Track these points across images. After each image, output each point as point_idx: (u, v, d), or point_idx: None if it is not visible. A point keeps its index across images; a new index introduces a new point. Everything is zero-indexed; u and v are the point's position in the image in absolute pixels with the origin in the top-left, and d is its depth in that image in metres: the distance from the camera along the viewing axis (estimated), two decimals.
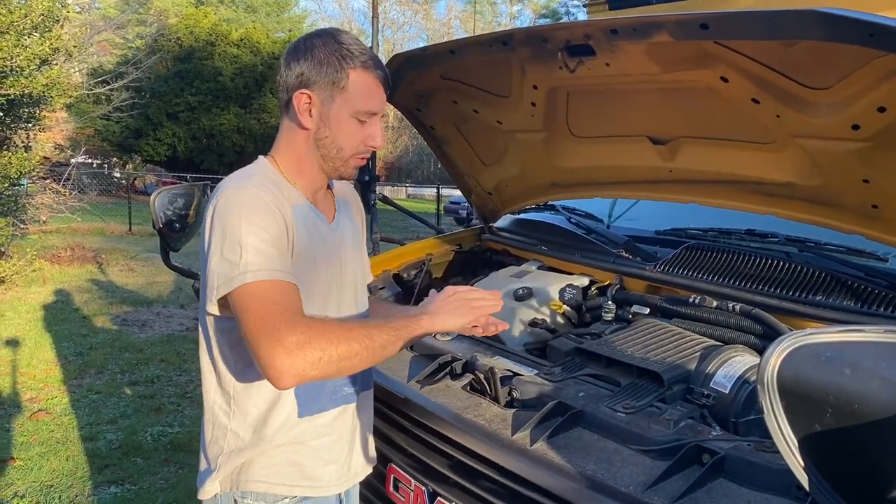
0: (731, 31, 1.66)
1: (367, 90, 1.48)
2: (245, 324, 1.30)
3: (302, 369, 1.26)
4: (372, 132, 1.52)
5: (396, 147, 44.00)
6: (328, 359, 1.28)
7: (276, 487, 1.52)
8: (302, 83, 1.47)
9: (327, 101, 1.47)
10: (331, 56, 1.45)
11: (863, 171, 1.83)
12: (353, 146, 1.51)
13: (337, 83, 1.46)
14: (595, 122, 2.37)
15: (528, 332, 2.25)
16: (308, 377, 1.29)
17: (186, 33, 25.66)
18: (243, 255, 1.33)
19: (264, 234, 1.36)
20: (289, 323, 1.28)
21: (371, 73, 1.48)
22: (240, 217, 1.36)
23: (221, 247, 1.35)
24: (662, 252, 2.41)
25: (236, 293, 1.32)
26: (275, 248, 1.36)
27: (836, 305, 1.89)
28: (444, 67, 2.38)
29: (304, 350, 1.26)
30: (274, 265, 1.34)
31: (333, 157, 1.52)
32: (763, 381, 0.84)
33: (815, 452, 0.81)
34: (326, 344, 1.28)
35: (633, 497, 1.37)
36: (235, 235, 1.34)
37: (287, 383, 1.28)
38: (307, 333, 1.28)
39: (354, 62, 1.46)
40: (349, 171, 1.55)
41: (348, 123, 1.49)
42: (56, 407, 4.83)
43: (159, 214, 2.19)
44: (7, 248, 8.90)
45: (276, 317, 1.28)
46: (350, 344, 1.31)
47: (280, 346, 1.25)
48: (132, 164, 29.77)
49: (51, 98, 8.41)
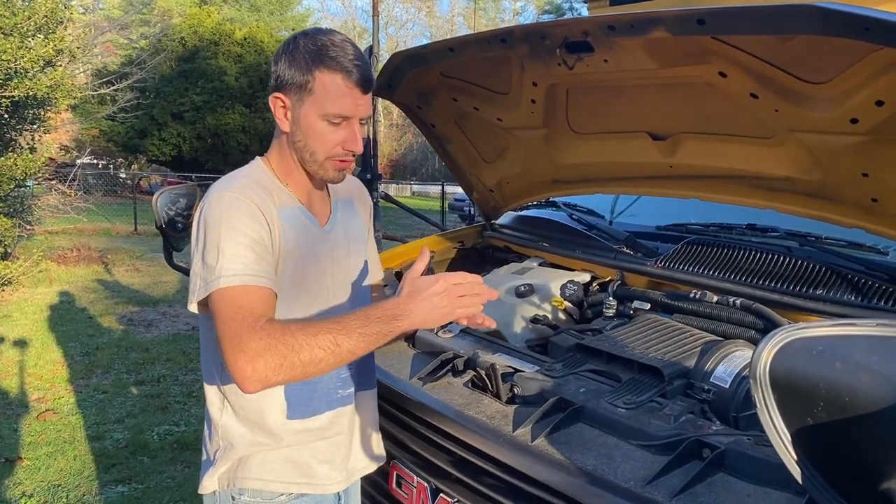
0: (728, 26, 1.66)
1: (336, 92, 1.42)
2: (216, 328, 1.31)
3: (264, 375, 1.23)
4: (347, 136, 1.46)
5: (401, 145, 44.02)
6: (290, 365, 1.24)
7: (272, 485, 1.52)
8: (276, 86, 1.46)
9: (297, 104, 1.44)
10: (301, 57, 1.42)
11: (862, 164, 1.83)
12: (326, 150, 1.46)
13: (304, 85, 1.42)
14: (595, 118, 2.37)
15: (530, 329, 2.26)
16: (272, 382, 1.25)
17: (190, 33, 25.70)
18: (220, 259, 1.33)
19: (242, 238, 1.35)
20: (251, 328, 1.26)
21: (340, 74, 1.42)
22: (220, 221, 1.36)
23: (203, 250, 1.37)
24: (663, 248, 2.41)
25: (211, 297, 1.33)
26: (252, 251, 1.36)
27: (836, 300, 1.89)
28: (444, 65, 2.39)
29: (264, 357, 1.22)
30: (248, 270, 1.33)
31: (308, 161, 1.48)
32: (755, 375, 0.84)
33: (808, 446, 0.82)
34: (287, 351, 1.24)
35: (633, 492, 1.37)
36: (214, 240, 1.35)
37: (250, 388, 1.24)
38: (268, 339, 1.24)
39: (322, 63, 1.41)
40: (329, 173, 1.50)
41: (319, 126, 1.44)
42: (63, 407, 4.87)
43: (161, 214, 2.21)
44: (14, 250, 8.96)
45: (239, 322, 1.27)
46: (313, 351, 1.25)
47: (241, 352, 1.23)
48: (137, 164, 29.85)
49: (55, 99, 8.45)
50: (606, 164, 2.52)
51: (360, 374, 1.65)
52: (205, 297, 1.35)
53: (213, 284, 1.32)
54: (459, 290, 1.32)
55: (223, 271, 1.32)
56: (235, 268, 1.33)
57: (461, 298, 1.32)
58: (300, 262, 1.50)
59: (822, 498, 0.81)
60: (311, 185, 1.56)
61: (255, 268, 1.35)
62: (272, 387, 1.28)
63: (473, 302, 1.34)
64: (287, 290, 1.44)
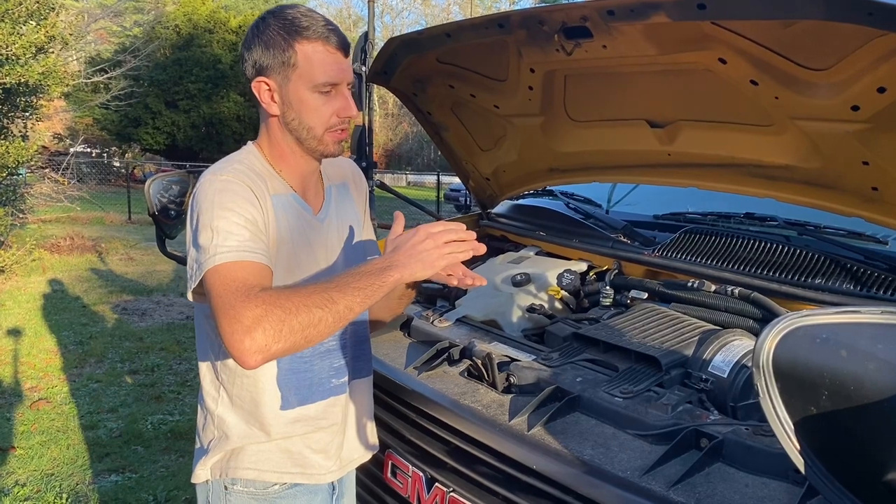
0: (728, 10, 1.64)
1: (320, 61, 1.41)
2: (211, 306, 1.26)
3: (264, 344, 1.17)
4: (342, 103, 1.45)
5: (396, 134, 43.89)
6: (289, 329, 1.19)
7: (265, 474, 1.51)
8: (257, 72, 1.43)
9: (284, 84, 1.43)
10: (276, 36, 1.41)
11: (862, 152, 1.81)
12: (323, 122, 1.45)
13: (287, 62, 1.41)
14: (593, 105, 2.35)
15: (526, 318, 2.25)
16: (274, 351, 1.20)
17: (185, 21, 25.52)
18: (214, 238, 1.30)
19: (235, 216, 1.33)
20: (244, 298, 1.21)
21: (319, 41, 1.41)
22: (212, 202, 1.34)
23: (196, 234, 1.35)
24: (661, 236, 2.40)
25: (205, 277, 1.29)
26: (246, 229, 1.33)
27: (835, 289, 1.88)
28: (440, 51, 2.36)
29: (261, 324, 1.17)
30: (242, 246, 1.31)
31: (307, 138, 1.47)
32: (758, 364, 0.83)
33: (811, 435, 0.80)
34: (284, 314, 1.19)
35: (631, 482, 1.37)
36: (207, 221, 1.33)
37: (252, 361, 1.19)
38: (263, 306, 1.19)
39: (299, 35, 1.40)
40: (329, 147, 1.49)
41: (311, 99, 1.43)
42: (56, 396, 4.84)
43: (154, 201, 2.17)
44: (6, 238, 8.89)
45: (232, 293, 1.22)
46: (311, 311, 1.21)
47: (238, 324, 1.18)
48: (131, 152, 29.70)
49: (48, 87, 8.35)
50: (604, 152, 2.50)
51: (356, 362, 1.63)
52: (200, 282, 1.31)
53: (208, 263, 1.29)
54: (443, 236, 1.31)
55: (217, 249, 1.29)
56: (229, 244, 1.30)
57: (448, 244, 1.31)
58: (293, 251, 1.48)
59: (825, 488, 0.80)
60: (305, 170, 1.54)
61: (249, 244, 1.32)
62: (274, 357, 1.23)
63: (461, 248, 1.32)
64: (280, 278, 1.42)
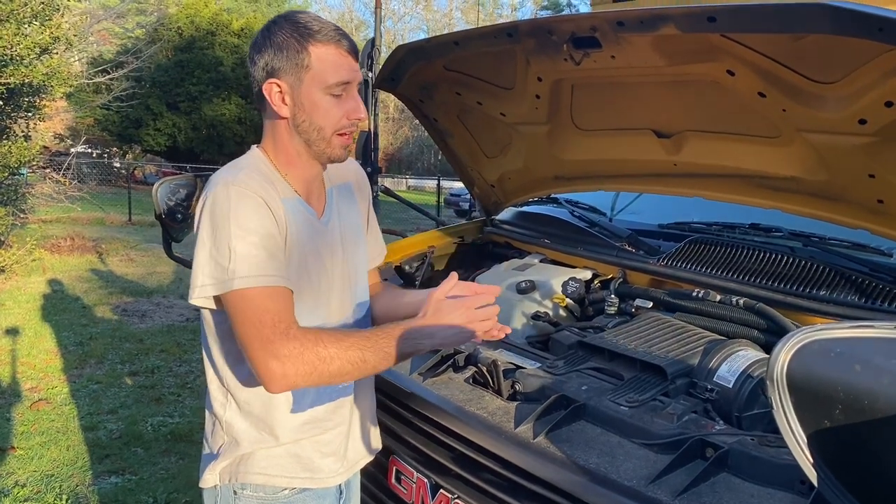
0: (738, 24, 1.65)
1: (332, 62, 1.44)
2: (238, 328, 1.34)
3: (293, 381, 1.32)
4: (352, 105, 1.48)
5: (397, 139, 43.94)
6: (318, 374, 1.33)
7: (274, 479, 1.52)
8: (268, 74, 1.45)
9: (296, 85, 1.44)
10: (288, 38, 1.43)
11: (869, 165, 1.82)
12: (333, 123, 1.47)
13: (300, 64, 1.43)
14: (599, 114, 2.36)
15: (531, 326, 2.25)
16: (298, 386, 1.35)
17: (187, 23, 25.58)
18: (232, 258, 1.34)
19: (254, 236, 1.36)
20: (283, 335, 1.32)
21: (332, 44, 1.44)
22: (228, 217, 1.36)
23: (211, 247, 1.36)
24: (666, 246, 2.40)
25: (228, 297, 1.35)
26: (265, 250, 1.37)
27: (840, 301, 1.88)
28: (447, 59, 2.37)
29: (295, 363, 1.30)
30: (264, 270, 1.35)
31: (316, 140, 1.48)
32: (773, 377, 0.83)
33: (825, 449, 0.81)
34: (318, 362, 1.32)
35: (636, 491, 1.37)
36: (225, 238, 1.35)
37: (277, 390, 1.33)
38: (300, 348, 1.31)
39: (312, 38, 1.43)
40: (336, 151, 1.51)
41: (322, 101, 1.45)
42: (56, 397, 4.84)
43: (162, 204, 2.17)
44: (7, 238, 8.89)
45: (270, 327, 1.32)
46: (343, 365, 1.35)
47: (274, 358, 1.30)
48: (132, 153, 29.73)
49: (51, 87, 8.37)
50: (610, 160, 2.51)
51: None
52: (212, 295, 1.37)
53: (228, 285, 1.34)
54: (481, 314, 1.46)
55: (238, 272, 1.33)
56: (250, 268, 1.34)
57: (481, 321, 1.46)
58: (303, 255, 1.49)
59: (838, 501, 0.81)
60: (310, 175, 1.55)
61: (269, 268, 1.36)
62: (296, 389, 1.38)
63: (489, 315, 1.47)
64: (292, 281, 1.43)
